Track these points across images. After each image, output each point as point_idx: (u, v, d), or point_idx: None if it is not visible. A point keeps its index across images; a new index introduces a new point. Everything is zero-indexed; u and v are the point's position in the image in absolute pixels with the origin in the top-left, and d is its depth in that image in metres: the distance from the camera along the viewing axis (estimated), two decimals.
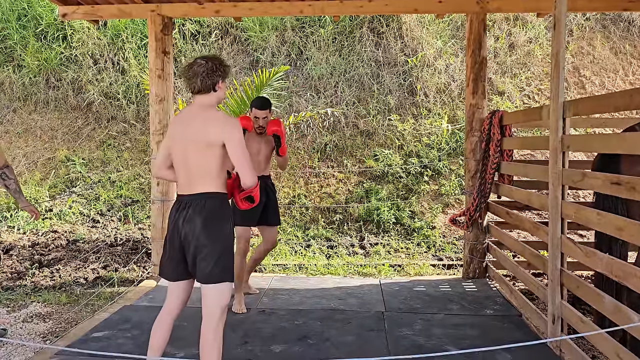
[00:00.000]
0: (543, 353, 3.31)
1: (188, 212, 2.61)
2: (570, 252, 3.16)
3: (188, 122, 2.66)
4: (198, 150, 2.60)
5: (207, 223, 2.59)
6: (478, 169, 4.91)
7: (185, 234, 2.61)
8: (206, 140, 2.58)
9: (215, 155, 2.60)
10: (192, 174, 2.63)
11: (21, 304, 4.68)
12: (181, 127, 2.66)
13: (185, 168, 2.65)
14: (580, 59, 8.42)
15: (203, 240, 2.58)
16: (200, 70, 2.62)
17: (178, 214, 2.65)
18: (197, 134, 2.59)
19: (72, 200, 7.25)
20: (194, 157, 2.61)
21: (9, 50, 8.76)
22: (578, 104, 3.14)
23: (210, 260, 2.58)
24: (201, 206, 2.60)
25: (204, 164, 2.61)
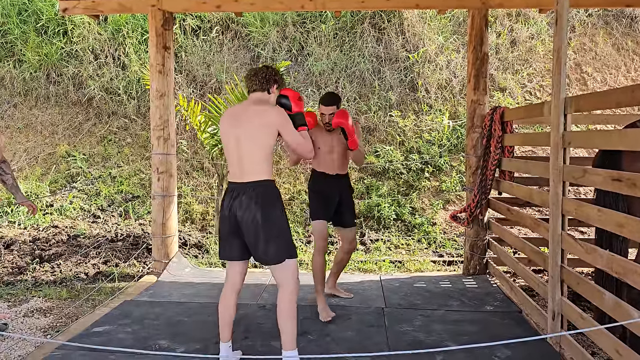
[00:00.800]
0: (543, 349, 3.31)
1: (242, 200, 2.83)
2: (571, 249, 3.15)
3: (240, 114, 2.92)
4: (251, 139, 2.85)
5: (262, 209, 2.82)
6: (479, 166, 4.90)
7: (241, 220, 2.83)
8: (260, 128, 2.85)
9: (266, 144, 2.86)
10: (244, 162, 2.86)
11: (22, 299, 4.69)
12: (232, 120, 2.91)
13: (238, 157, 2.87)
14: (582, 55, 8.40)
15: (261, 225, 2.80)
16: (261, 73, 2.98)
17: (232, 201, 2.86)
18: (250, 124, 2.86)
19: (73, 196, 7.26)
20: (247, 146, 2.85)
21: (9, 45, 8.75)
22: (579, 100, 3.13)
23: (272, 242, 2.83)
24: (255, 193, 2.83)
25: (256, 153, 2.85)
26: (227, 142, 2.92)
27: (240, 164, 2.88)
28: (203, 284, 4.83)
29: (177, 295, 4.47)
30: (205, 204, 7.11)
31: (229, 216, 2.88)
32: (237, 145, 2.88)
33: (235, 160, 2.90)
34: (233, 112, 2.98)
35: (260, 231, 2.82)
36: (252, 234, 2.83)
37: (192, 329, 3.69)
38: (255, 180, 2.85)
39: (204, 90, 8.21)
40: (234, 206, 2.85)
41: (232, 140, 2.90)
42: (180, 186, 7.19)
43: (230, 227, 2.90)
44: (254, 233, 2.83)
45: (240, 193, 2.85)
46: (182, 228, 6.68)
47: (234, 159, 2.91)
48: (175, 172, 5.29)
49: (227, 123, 2.94)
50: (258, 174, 2.86)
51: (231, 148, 2.91)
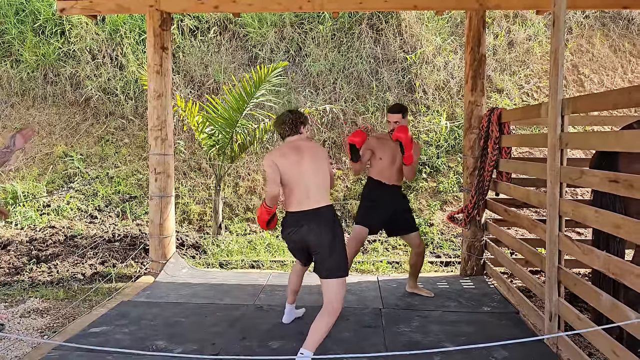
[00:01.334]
0: (540, 350, 3.32)
1: (311, 224, 3.16)
2: (568, 250, 3.16)
3: (298, 148, 3.27)
4: (316, 171, 3.24)
5: (331, 229, 3.18)
6: (476, 167, 4.91)
7: (308, 241, 3.21)
8: (320, 159, 3.28)
9: (327, 173, 3.30)
10: (311, 191, 3.20)
11: (19, 299, 4.68)
12: (293, 154, 3.24)
13: (305, 188, 3.20)
14: (579, 57, 8.42)
15: (324, 245, 3.15)
16: (287, 120, 3.34)
17: (301, 227, 3.19)
18: (312, 155, 3.26)
19: (70, 196, 7.24)
20: (313, 177, 3.22)
21: (6, 45, 8.73)
22: (577, 101, 3.14)
23: (330, 260, 3.14)
24: (320, 217, 3.18)
25: (321, 182, 3.25)
26: (292, 176, 3.22)
27: (307, 193, 3.20)
28: (200, 284, 4.83)
29: (175, 295, 4.46)
30: (202, 205, 7.10)
31: (298, 239, 3.29)
32: (301, 177, 3.22)
33: (302, 190, 3.21)
34: (290, 152, 3.25)
35: (323, 250, 3.18)
36: (317, 252, 3.21)
37: (189, 330, 3.68)
38: (320, 206, 3.20)
39: (202, 90, 8.20)
40: (302, 230, 3.21)
41: (296, 174, 3.22)
42: (178, 187, 7.19)
43: (299, 245, 3.37)
44: (318, 252, 3.20)
45: (309, 218, 3.18)
46: (180, 228, 6.68)
47: (301, 190, 3.21)
48: (172, 172, 5.29)
49: (287, 162, 3.22)
50: (323, 200, 3.23)
51: (296, 180, 3.22)
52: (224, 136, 6.27)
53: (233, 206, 7.09)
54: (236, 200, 7.14)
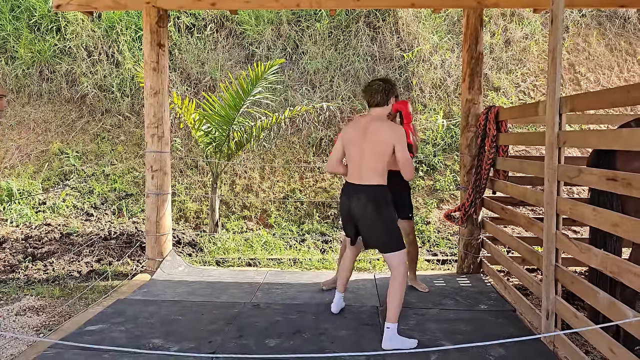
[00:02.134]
0: (537, 348, 3.32)
1: (360, 198, 3.37)
2: (565, 248, 3.16)
3: (365, 128, 3.40)
4: (373, 151, 3.35)
5: (376, 206, 3.35)
6: (473, 165, 4.91)
7: (357, 215, 3.41)
8: (381, 143, 3.34)
9: (386, 155, 3.36)
10: (363, 169, 3.38)
11: (14, 297, 4.65)
12: (359, 132, 3.42)
13: (359, 164, 3.40)
14: (576, 56, 8.44)
15: (373, 219, 3.37)
16: (380, 89, 3.45)
17: (350, 198, 3.43)
18: (374, 138, 3.35)
19: (66, 194, 7.21)
20: (369, 156, 3.36)
21: (2, 42, 8.68)
22: (574, 99, 3.14)
23: (383, 235, 3.40)
24: (371, 194, 3.37)
25: (375, 163, 3.37)
26: (352, 151, 3.46)
27: (359, 170, 3.41)
28: (197, 282, 4.81)
29: (171, 293, 4.45)
30: (199, 202, 7.08)
31: (348, 210, 3.52)
32: (360, 154, 3.41)
33: (357, 166, 3.43)
34: (358, 125, 3.45)
35: (373, 224, 3.41)
36: (366, 226, 3.45)
37: (186, 328, 3.67)
38: (372, 184, 3.40)
39: (198, 88, 8.18)
40: (352, 202, 3.46)
41: (357, 149, 3.43)
42: (174, 184, 7.16)
43: (349, 218, 3.55)
44: (368, 226, 3.44)
45: (359, 192, 3.41)
46: (176, 226, 6.66)
47: (355, 165, 3.45)
48: (169, 170, 5.27)
49: (352, 134, 3.46)
50: (375, 179, 3.40)
51: (356, 156, 3.45)
52: (221, 134, 6.25)
53: (230, 204, 7.07)
54: (233, 198, 7.12)
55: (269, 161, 7.51)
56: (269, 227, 6.75)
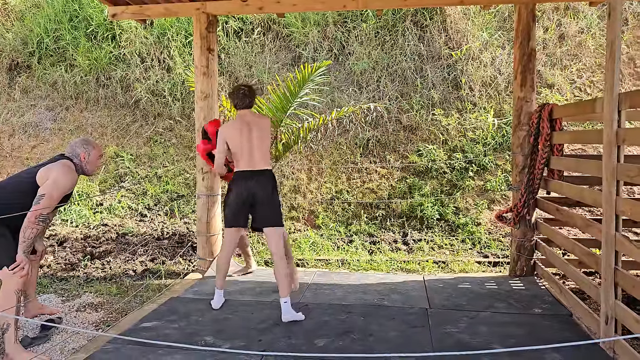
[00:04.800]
0: (595, 354, 3.19)
1: (260, 180, 3.99)
2: (626, 250, 3.02)
3: (249, 123, 4.07)
4: (262, 140, 4.05)
5: (274, 187, 4.08)
6: (526, 164, 4.77)
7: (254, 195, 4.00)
8: (266, 132, 4.09)
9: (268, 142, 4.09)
10: (256, 157, 4.03)
11: (74, 294, 4.87)
12: (245, 126, 4.05)
13: (250, 153, 4.01)
14: (637, 49, 8.05)
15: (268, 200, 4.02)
16: (248, 92, 4.13)
17: (247, 182, 3.99)
18: (259, 130, 4.07)
19: (121, 195, 7.49)
20: (258, 145, 4.03)
21: (61, 51, 9.11)
22: (635, 95, 3.00)
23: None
24: (266, 177, 4.03)
25: (265, 149, 4.06)
26: (239, 144, 4.05)
27: (251, 158, 4.06)
28: (246, 281, 4.89)
29: None
30: None
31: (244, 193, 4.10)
32: (250, 145, 4.05)
33: (247, 156, 4.06)
34: (240, 123, 4.07)
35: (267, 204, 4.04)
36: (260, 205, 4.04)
37: (236, 326, 3.74)
38: (265, 168, 4.09)
39: None
40: (249, 185, 4.06)
41: (245, 142, 4.04)
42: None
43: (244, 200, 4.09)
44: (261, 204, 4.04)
45: (256, 176, 4.03)
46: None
47: (245, 155, 4.07)
48: None
49: (236, 131, 4.05)
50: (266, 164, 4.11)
51: (245, 147, 4.08)
52: None
53: None
54: (281, 199, 7.19)
55: (316, 162, 7.55)
56: (316, 228, 6.78)
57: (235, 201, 3.98)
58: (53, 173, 3.52)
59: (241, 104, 4.07)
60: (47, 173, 3.53)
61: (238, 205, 3.98)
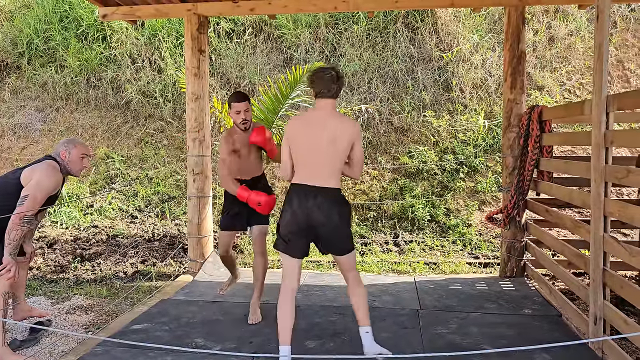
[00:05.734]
0: (584, 354, 3.21)
1: (321, 201, 2.93)
2: (614, 251, 3.05)
3: (326, 121, 2.96)
4: (336, 151, 2.96)
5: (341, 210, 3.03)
6: (516, 166, 4.81)
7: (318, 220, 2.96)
8: (346, 142, 2.96)
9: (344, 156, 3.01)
10: (320, 169, 2.97)
11: (64, 296, 4.84)
12: (319, 125, 2.95)
13: (315, 162, 2.96)
14: (625, 52, 8.13)
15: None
16: (336, 77, 2.99)
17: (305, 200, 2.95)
18: (340, 135, 2.94)
19: (112, 197, 7.45)
20: (330, 154, 2.96)
21: (51, 51, 9.05)
22: (623, 97, 3.03)
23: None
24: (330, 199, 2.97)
25: (338, 162, 3.00)
26: (303, 150, 3.01)
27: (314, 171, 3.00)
28: (238, 283, 4.87)
29: (213, 294, 4.53)
30: None
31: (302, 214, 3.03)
32: (316, 153, 2.98)
33: (309, 167, 3.01)
34: (310, 121, 3.01)
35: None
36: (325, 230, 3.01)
37: (227, 328, 3.73)
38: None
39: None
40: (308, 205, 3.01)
41: (307, 148, 2.99)
42: (215, 187, 7.29)
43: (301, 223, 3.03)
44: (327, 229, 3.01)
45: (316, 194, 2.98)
46: (217, 228, 6.77)
47: (307, 166, 3.02)
48: (210, 173, 5.37)
49: (302, 132, 2.99)
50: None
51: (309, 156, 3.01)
52: None
53: None
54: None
55: None
56: None
57: (290, 224, 2.99)
58: (37, 174, 3.49)
59: (326, 91, 2.98)
60: (31, 174, 3.50)
61: (293, 230, 2.98)
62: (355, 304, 3.12)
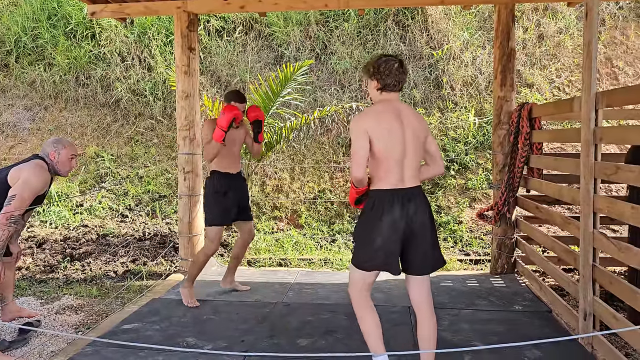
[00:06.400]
0: (574, 350, 3.24)
1: (418, 205, 2.63)
2: (603, 247, 3.08)
3: (401, 116, 2.64)
4: (418, 147, 2.67)
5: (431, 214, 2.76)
6: (506, 163, 4.83)
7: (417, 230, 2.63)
8: (423, 135, 2.69)
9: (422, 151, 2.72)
10: (409, 169, 2.66)
11: (54, 296, 4.80)
12: (397, 121, 2.62)
13: (402, 162, 2.63)
14: (613, 49, 8.19)
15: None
16: (403, 68, 2.69)
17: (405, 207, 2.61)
18: (418, 129, 2.66)
19: (102, 196, 7.40)
20: (414, 152, 2.66)
21: (40, 49, 8.96)
22: (611, 94, 3.05)
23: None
24: (422, 199, 2.69)
25: (419, 159, 2.71)
26: (393, 148, 2.61)
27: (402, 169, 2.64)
28: None
29: (204, 293, 4.51)
30: None
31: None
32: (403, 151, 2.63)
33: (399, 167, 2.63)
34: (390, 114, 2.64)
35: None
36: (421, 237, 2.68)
37: (218, 327, 3.72)
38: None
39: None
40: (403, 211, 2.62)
41: (398, 145, 2.61)
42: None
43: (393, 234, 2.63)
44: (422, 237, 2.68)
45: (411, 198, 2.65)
46: None
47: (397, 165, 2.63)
48: (201, 171, 5.34)
49: (387, 126, 2.61)
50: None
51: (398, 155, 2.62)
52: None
53: (260, 204, 7.13)
54: (263, 199, 7.18)
55: (299, 162, 7.54)
56: (299, 228, 6.78)
57: (386, 234, 2.58)
58: (24, 173, 3.46)
59: (396, 83, 2.67)
60: (19, 173, 3.47)
61: (389, 240, 2.59)
62: (429, 337, 2.74)
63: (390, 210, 2.57)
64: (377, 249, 2.60)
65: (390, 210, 2.57)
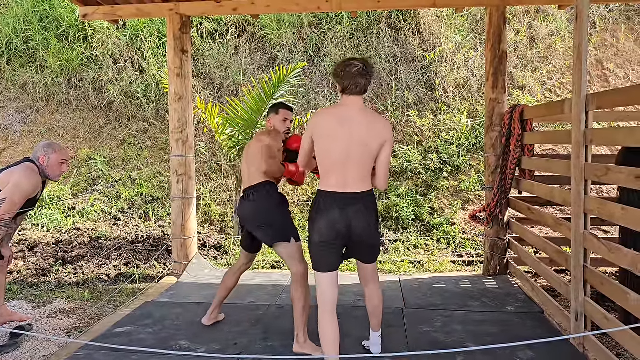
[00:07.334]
0: (566, 350, 3.26)
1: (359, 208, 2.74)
2: (594, 248, 3.10)
3: (353, 120, 2.69)
4: (365, 153, 2.71)
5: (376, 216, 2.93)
6: (498, 165, 4.85)
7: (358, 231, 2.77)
8: (376, 144, 2.72)
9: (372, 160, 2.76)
10: (351, 174, 2.73)
11: (46, 300, 4.77)
12: (346, 123, 2.68)
13: (344, 166, 2.70)
14: (604, 52, 8.26)
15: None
16: (366, 71, 2.72)
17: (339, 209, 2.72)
18: (369, 137, 2.69)
19: (94, 199, 7.36)
20: (359, 157, 2.70)
21: (31, 52, 8.92)
22: (602, 96, 3.08)
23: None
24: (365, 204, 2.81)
25: (368, 166, 2.76)
26: (334, 150, 2.69)
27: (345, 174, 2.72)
28: None
29: (197, 296, 4.50)
30: (223, 206, 7.15)
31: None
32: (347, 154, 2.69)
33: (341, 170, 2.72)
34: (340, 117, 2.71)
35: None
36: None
37: (211, 330, 3.71)
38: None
39: (221, 92, 8.26)
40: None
41: (341, 148, 2.68)
42: (199, 188, 7.25)
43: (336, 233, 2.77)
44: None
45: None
46: (201, 230, 6.73)
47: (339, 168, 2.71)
48: (194, 174, 5.33)
49: (333, 128, 2.69)
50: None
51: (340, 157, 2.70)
52: (244, 137, 6.30)
53: None
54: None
55: None
56: None
57: (320, 236, 2.76)
58: (15, 176, 3.44)
59: (354, 86, 2.70)
60: (9, 177, 3.45)
61: (323, 243, 2.76)
62: (376, 309, 3.14)
63: (328, 212, 2.71)
64: (315, 245, 2.81)
65: (328, 213, 2.71)
